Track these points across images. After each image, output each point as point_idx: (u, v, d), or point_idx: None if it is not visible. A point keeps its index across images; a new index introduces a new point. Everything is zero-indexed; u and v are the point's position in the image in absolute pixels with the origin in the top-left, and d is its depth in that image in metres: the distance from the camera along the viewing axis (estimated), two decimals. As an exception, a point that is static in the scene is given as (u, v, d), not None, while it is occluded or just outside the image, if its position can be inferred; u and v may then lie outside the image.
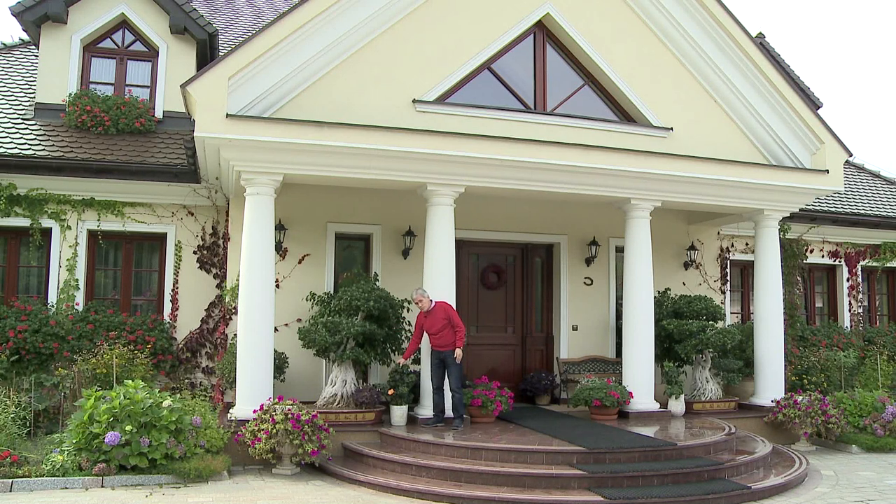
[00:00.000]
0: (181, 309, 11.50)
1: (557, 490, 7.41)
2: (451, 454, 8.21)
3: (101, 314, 11.02)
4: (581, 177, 10.13)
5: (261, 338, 9.02)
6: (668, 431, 9.41)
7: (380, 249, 11.58)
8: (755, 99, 11.35)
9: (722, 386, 11.72)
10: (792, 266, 14.32)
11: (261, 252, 9.11)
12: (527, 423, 9.69)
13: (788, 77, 12.87)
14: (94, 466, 7.65)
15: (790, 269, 14.25)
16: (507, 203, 11.79)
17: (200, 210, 11.70)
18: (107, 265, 11.71)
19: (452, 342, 9.38)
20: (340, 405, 9.63)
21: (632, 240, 10.79)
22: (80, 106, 11.91)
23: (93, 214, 11.32)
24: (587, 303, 12.59)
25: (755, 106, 11.35)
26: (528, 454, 7.96)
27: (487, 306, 12.45)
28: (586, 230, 12.60)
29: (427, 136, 9.34)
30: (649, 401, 10.55)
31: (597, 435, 8.84)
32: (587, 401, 10.20)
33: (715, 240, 13.72)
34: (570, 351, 12.40)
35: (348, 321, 9.61)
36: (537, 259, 12.84)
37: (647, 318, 10.64)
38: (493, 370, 11.99)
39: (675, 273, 13.16)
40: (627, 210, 10.79)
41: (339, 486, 7.85)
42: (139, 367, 10.11)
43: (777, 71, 11.28)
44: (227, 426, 8.65)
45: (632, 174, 10.25)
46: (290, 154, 9.03)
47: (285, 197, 10.65)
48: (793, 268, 14.35)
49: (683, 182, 10.58)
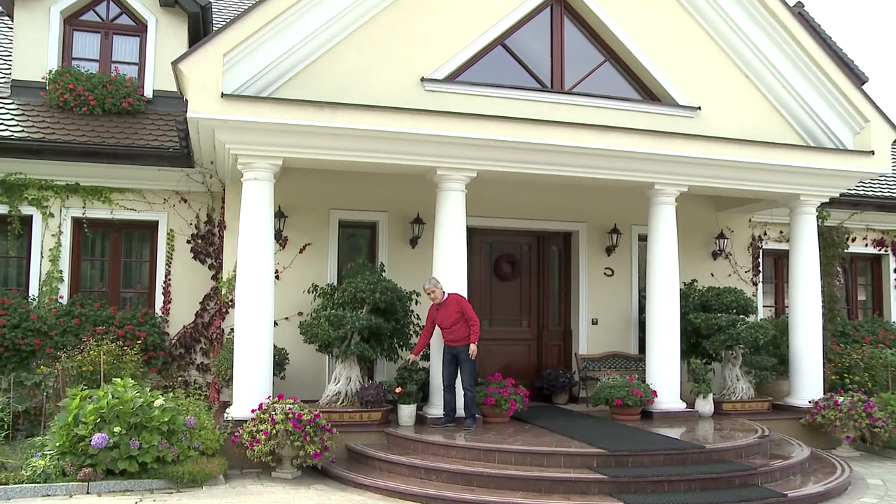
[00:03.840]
0: (174, 302, 11.55)
1: (576, 495, 7.43)
2: (463, 456, 8.26)
3: (87, 308, 11.07)
4: (601, 160, 10.15)
5: (259, 332, 9.08)
6: (695, 433, 9.40)
7: (386, 238, 11.64)
8: (792, 74, 11.32)
9: (754, 385, 11.61)
10: (831, 256, 14.29)
11: (259, 241, 9.15)
12: (543, 424, 9.73)
13: (829, 49, 12.77)
14: (80, 471, 7.61)
15: (829, 259, 14.21)
16: (522, 188, 11.81)
17: (194, 196, 11.76)
18: (93, 255, 11.74)
19: (466, 337, 9.43)
20: (344, 404, 9.69)
21: (656, 227, 10.80)
22: (61, 84, 11.98)
23: (77, 201, 11.36)
24: (608, 295, 12.61)
25: (791, 82, 11.33)
26: (544, 456, 7.99)
27: (501, 298, 12.49)
28: (607, 217, 12.61)
29: (436, 117, 9.38)
30: (675, 400, 10.56)
31: (618, 436, 8.86)
32: (608, 400, 10.25)
33: (746, 227, 13.70)
34: (589, 346, 12.43)
35: (353, 314, 9.66)
36: (554, 248, 12.87)
37: (673, 311, 10.66)
38: (507, 367, 12.00)
39: (703, 263, 13.15)
40: (651, 196, 10.80)
41: (343, 491, 7.91)
42: (129, 364, 10.09)
43: (816, 42, 11.22)
44: (224, 427, 8.67)
45: (656, 157, 10.26)
46: (291, 136, 9.07)
47: (285, 182, 10.67)
48: (832, 257, 14.31)
49: (712, 165, 10.58)
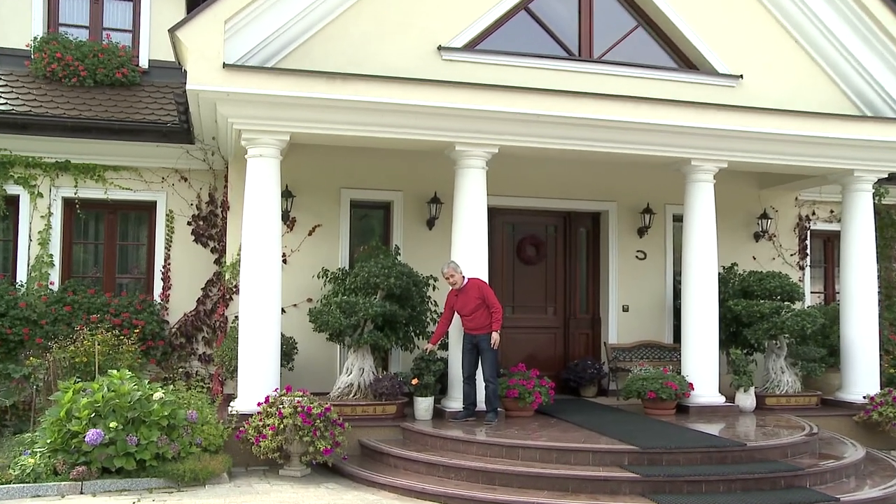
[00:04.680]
0: (174, 288, 11.54)
1: (605, 495, 7.41)
2: (484, 453, 8.26)
3: (80, 294, 11.04)
4: (633, 134, 10.06)
5: (266, 320, 9.10)
6: (735, 429, 9.35)
7: (401, 219, 11.64)
8: (847, 36, 11.14)
9: (800, 377, 11.59)
10: (889, 237, 14.09)
11: (265, 222, 9.16)
12: (570, 418, 9.74)
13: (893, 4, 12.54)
14: (73, 470, 7.58)
15: (887, 241, 14.02)
16: (548, 165, 11.76)
17: (195, 175, 11.71)
18: (86, 238, 11.73)
19: (488, 325, 9.43)
20: (357, 397, 9.70)
21: (692, 207, 10.71)
22: (48, 53, 11.90)
23: (69, 180, 11.31)
24: (640, 280, 12.59)
25: (847, 44, 11.15)
26: (571, 453, 7.97)
27: (525, 284, 12.49)
28: (639, 196, 12.53)
29: (455, 88, 9.33)
30: (713, 393, 10.53)
31: (651, 432, 8.85)
32: (640, 392, 10.25)
33: (792, 206, 13.55)
34: (619, 335, 12.42)
35: (366, 301, 9.65)
36: (582, 229, 12.84)
37: (711, 297, 10.59)
38: (532, 357, 12.02)
39: (744, 245, 13.05)
40: (688, 172, 10.70)
41: (356, 490, 7.89)
42: (125, 354, 10.09)
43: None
44: (228, 421, 8.69)
45: (693, 130, 10.15)
46: (298, 110, 9.04)
47: (293, 159, 10.66)
48: (890, 239, 14.12)
49: (754, 139, 10.44)
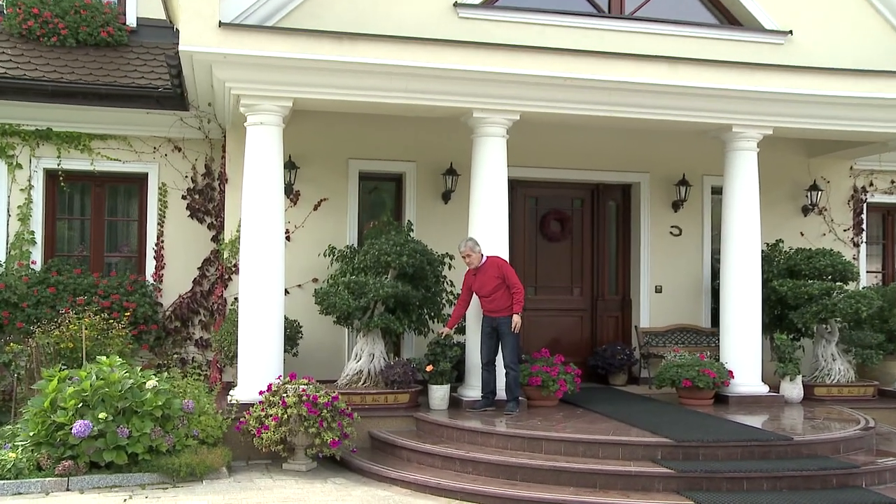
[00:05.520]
0: (168, 267, 11.55)
1: (637, 492, 7.39)
2: (504, 445, 8.29)
3: (65, 275, 11.02)
4: (669, 99, 10.00)
5: (268, 302, 9.13)
6: (780, 422, 9.33)
7: (414, 192, 11.67)
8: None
9: (854, 366, 11.54)
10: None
11: (267, 196, 9.17)
12: (598, 408, 9.76)
13: None
14: (58, 465, 7.58)
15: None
16: (574, 133, 11.72)
17: (190, 144, 11.67)
18: (71, 213, 11.71)
19: (508, 306, 9.42)
20: (367, 385, 9.73)
21: (733, 178, 10.65)
22: (23, 8, 11.82)
23: (51, 150, 11.24)
24: (674, 258, 12.58)
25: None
26: (599, 446, 7.98)
27: (548, 262, 12.52)
28: (674, 166, 12.48)
29: (472, 49, 9.30)
30: (755, 382, 10.52)
31: (687, 424, 8.83)
32: (674, 381, 10.26)
33: (846, 177, 13.38)
34: (652, 318, 12.45)
35: (376, 281, 9.68)
36: (611, 203, 12.86)
37: (753, 277, 10.55)
38: (556, 341, 12.10)
39: (791, 220, 12.98)
40: (728, 140, 10.64)
41: (366, 485, 7.91)
42: (115, 339, 10.08)
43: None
44: (227, 412, 8.73)
45: (735, 94, 10.04)
46: (302, 73, 9.03)
47: (296, 128, 10.67)
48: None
49: (804, 102, 10.32)
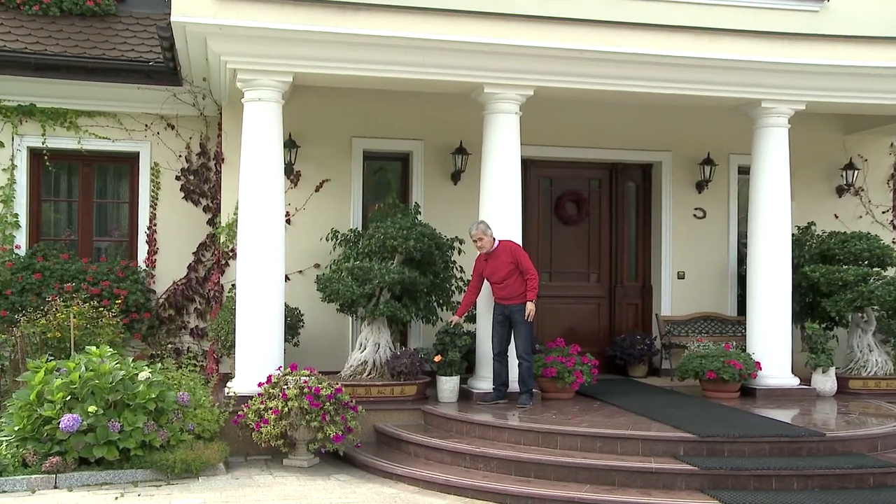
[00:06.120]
0: (161, 253, 11.59)
1: (658, 490, 7.36)
2: (517, 440, 8.30)
3: (51, 260, 11.04)
4: (692, 72, 9.96)
5: (267, 289, 9.15)
6: (812, 416, 9.28)
7: (422, 173, 11.70)
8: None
9: (893, 357, 11.49)
10: None
11: (265, 177, 9.18)
12: (616, 401, 9.78)
13: None
14: (45, 461, 7.57)
15: None
16: (591, 110, 11.73)
17: (184, 122, 11.69)
18: (58, 195, 11.72)
19: (521, 293, 9.42)
20: (372, 376, 9.76)
21: (762, 156, 10.58)
22: None
23: (35, 127, 11.23)
24: (698, 242, 12.60)
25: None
26: (618, 441, 7.97)
27: (564, 247, 12.52)
28: (698, 145, 12.48)
29: (483, 19, 9.26)
30: (784, 374, 10.51)
31: (711, 417, 8.82)
32: (698, 372, 10.26)
33: (885, 154, 13.31)
34: (674, 306, 12.48)
35: (382, 267, 9.70)
36: (630, 184, 12.87)
37: (782, 262, 10.51)
38: (572, 330, 12.15)
39: (824, 201, 12.98)
40: (757, 116, 10.55)
41: (371, 482, 7.91)
42: (106, 328, 10.10)
43: None
44: (224, 405, 8.74)
45: (765, 66, 9.96)
46: (303, 46, 9.04)
47: (297, 104, 10.70)
48: None
49: (841, 74, 10.20)
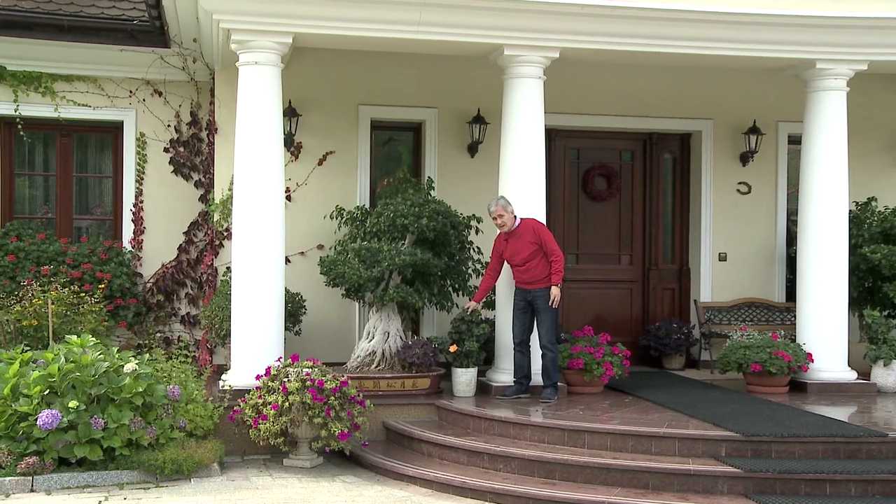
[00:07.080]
0: (148, 232, 11.62)
1: (697, 494, 7.28)
2: (540, 438, 8.29)
3: (26, 240, 11.05)
4: (736, 30, 9.83)
5: (266, 272, 9.17)
6: (872, 414, 9.16)
7: (435, 144, 11.69)
8: None
9: None
10: None
11: (263, 149, 9.17)
12: (650, 396, 9.78)
13: None
14: (20, 462, 7.54)
15: None
16: (622, 74, 11.76)
17: (172, 88, 11.67)
18: (33, 169, 11.76)
19: (545, 277, 9.41)
20: (381, 368, 9.79)
21: (816, 124, 10.46)
22: None
23: (6, 92, 11.21)
24: (742, 220, 12.57)
25: None
26: (652, 440, 7.93)
27: (592, 226, 12.55)
28: (742, 112, 12.40)
29: None
30: (840, 367, 10.44)
31: (756, 415, 8.72)
32: (741, 364, 10.20)
33: None
34: (714, 291, 12.46)
35: (391, 248, 9.71)
36: (667, 155, 12.85)
37: (838, 242, 10.41)
38: (601, 318, 12.22)
39: (886, 174, 12.90)
40: (810, 79, 10.44)
41: (379, 483, 7.91)
42: (88, 316, 10.10)
43: None
44: (219, 399, 8.77)
45: (820, 21, 9.81)
46: (304, 3, 9.06)
47: (297, 68, 10.74)
48: None
49: None
